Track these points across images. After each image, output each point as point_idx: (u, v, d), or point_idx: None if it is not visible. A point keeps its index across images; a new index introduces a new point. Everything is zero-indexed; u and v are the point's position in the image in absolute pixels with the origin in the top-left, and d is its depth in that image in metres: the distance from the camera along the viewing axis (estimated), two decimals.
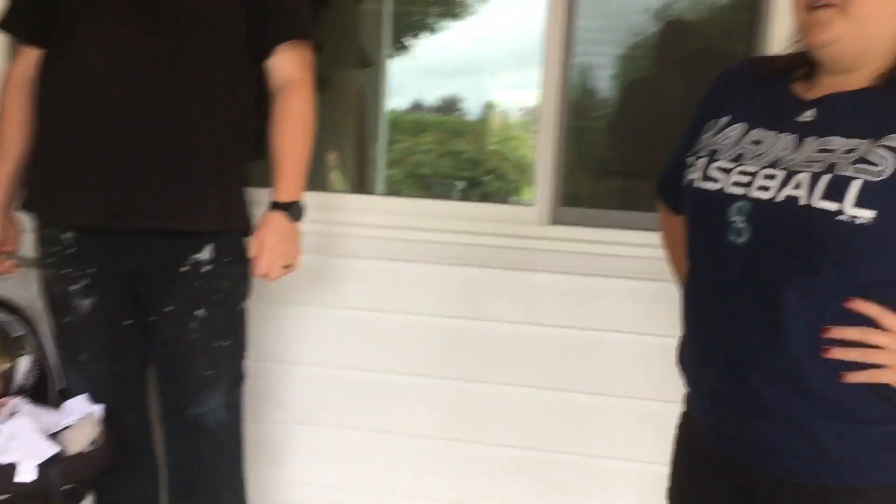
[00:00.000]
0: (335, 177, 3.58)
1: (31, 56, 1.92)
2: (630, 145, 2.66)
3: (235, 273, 1.97)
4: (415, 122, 7.79)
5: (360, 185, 3.96)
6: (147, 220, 1.84)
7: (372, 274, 2.30)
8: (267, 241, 1.87)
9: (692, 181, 1.22)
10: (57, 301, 1.96)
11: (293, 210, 1.90)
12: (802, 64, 1.21)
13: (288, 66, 1.94)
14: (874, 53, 1.11)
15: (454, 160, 7.02)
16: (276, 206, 1.90)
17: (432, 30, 6.99)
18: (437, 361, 2.30)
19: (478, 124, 7.52)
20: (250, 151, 2.01)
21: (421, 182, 6.35)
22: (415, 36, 6.84)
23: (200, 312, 1.92)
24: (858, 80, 1.13)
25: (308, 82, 1.96)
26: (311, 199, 1.97)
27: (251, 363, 2.10)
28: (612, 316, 2.19)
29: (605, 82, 3.09)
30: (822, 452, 1.12)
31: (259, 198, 2.02)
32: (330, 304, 2.33)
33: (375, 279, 2.31)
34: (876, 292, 1.07)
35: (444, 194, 5.12)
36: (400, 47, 6.69)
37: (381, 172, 4.68)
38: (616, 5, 2.85)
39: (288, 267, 1.92)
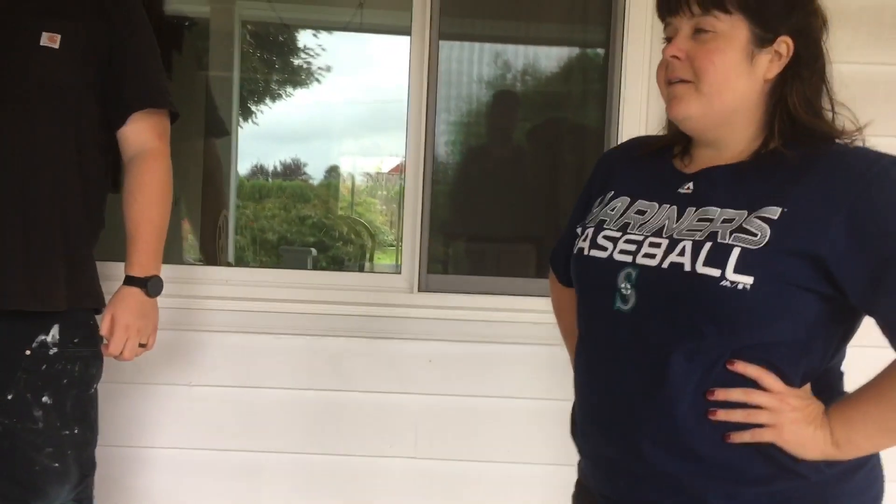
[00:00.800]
0: (189, 246, 3.44)
1: None
2: (474, 210, 2.74)
3: (86, 354, 1.83)
4: (257, 187, 7.69)
5: (213, 254, 3.84)
6: None
7: (233, 348, 2.22)
8: (120, 318, 1.76)
9: (582, 249, 1.26)
10: None
11: (150, 285, 1.80)
12: (680, 141, 1.28)
13: (142, 134, 1.86)
14: (731, 126, 1.19)
15: (300, 225, 6.97)
16: (130, 280, 1.80)
17: (277, 96, 7.00)
18: (304, 436, 2.23)
19: (321, 189, 7.53)
20: (101, 224, 1.91)
21: (272, 249, 6.23)
22: (259, 102, 6.81)
23: (46, 399, 1.76)
24: (731, 154, 1.20)
25: (163, 152, 1.89)
26: (165, 272, 1.87)
27: (101, 450, 1.94)
28: (484, 382, 2.20)
29: (440, 148, 3.18)
30: None
31: (112, 272, 1.90)
32: (188, 382, 2.22)
33: (237, 353, 2.23)
34: (756, 354, 1.11)
35: (299, 262, 5.03)
36: (246, 113, 6.64)
37: (231, 240, 4.55)
38: (452, 74, 2.95)
39: (144, 346, 1.81)
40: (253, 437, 2.23)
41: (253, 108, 6.81)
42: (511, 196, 2.60)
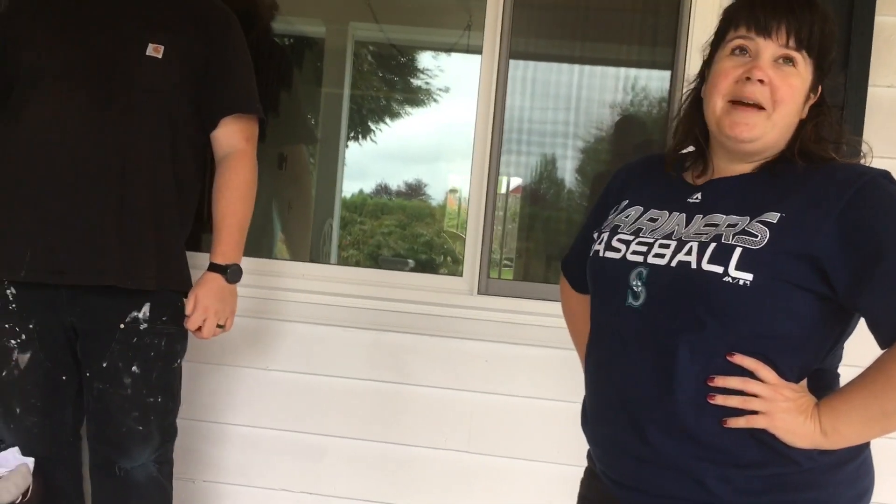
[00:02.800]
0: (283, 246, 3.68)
1: None
2: (547, 226, 2.81)
3: (172, 331, 2.03)
4: (380, 205, 7.96)
5: (311, 256, 4.08)
6: (85, 277, 1.91)
7: (306, 337, 2.39)
8: (202, 299, 1.95)
9: (598, 251, 1.35)
10: None
11: (230, 272, 1.99)
12: (692, 157, 1.37)
13: (231, 137, 2.06)
14: (774, 149, 1.27)
15: (413, 242, 7.18)
16: (213, 267, 1.99)
17: (397, 115, 7.23)
18: (365, 424, 2.38)
19: (438, 209, 7.70)
20: (192, 216, 2.11)
21: (374, 260, 6.47)
22: (379, 121, 7.06)
23: (135, 369, 1.97)
24: (742, 167, 1.29)
25: (250, 153, 2.07)
26: (250, 264, 2.06)
27: (185, 422, 2.15)
28: (533, 383, 2.29)
29: (570, 174, 3.28)
30: (709, 496, 1.21)
31: (201, 262, 2.12)
32: (265, 366, 2.41)
33: (309, 343, 2.40)
34: (754, 348, 1.19)
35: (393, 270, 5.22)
36: (365, 131, 6.91)
37: (334, 247, 4.79)
38: (583, 101, 3.05)
39: (221, 327, 1.99)
40: (319, 422, 2.39)
41: (373, 126, 7.06)
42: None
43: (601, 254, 1.34)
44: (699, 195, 1.30)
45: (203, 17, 2.03)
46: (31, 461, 1.95)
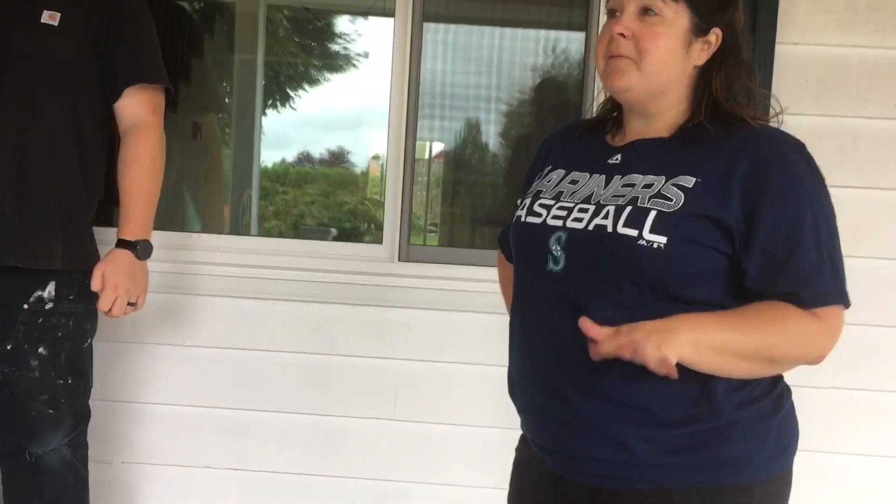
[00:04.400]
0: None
1: None
2: (471, 193, 2.81)
3: (79, 310, 1.96)
4: (303, 174, 7.84)
5: (230, 228, 3.99)
6: None
7: (224, 311, 2.34)
8: (110, 276, 1.88)
9: (519, 217, 1.35)
10: None
11: (140, 248, 1.92)
12: (612, 117, 1.38)
13: (136, 108, 1.97)
14: (662, 102, 1.28)
15: (337, 211, 7.10)
16: (121, 243, 1.92)
17: (316, 82, 7.10)
18: (290, 397, 2.34)
19: (362, 177, 7.63)
20: (98, 191, 2.03)
21: (298, 230, 6.38)
22: (297, 87, 6.92)
23: (42, 350, 1.90)
24: (656, 128, 1.30)
25: (156, 125, 1.99)
26: (163, 239, 1.99)
27: (100, 403, 2.09)
28: (460, 348, 2.29)
29: (493, 138, 3.27)
30: (632, 458, 1.22)
31: (110, 238, 2.04)
32: (183, 343, 2.35)
33: (228, 316, 2.35)
34: (668, 308, 1.18)
35: (317, 240, 5.16)
36: (284, 98, 6.76)
37: (254, 218, 4.70)
38: (504, 64, 3.02)
39: (132, 305, 1.93)
40: (241, 397, 2.35)
41: (292, 93, 6.92)
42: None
43: (523, 219, 1.34)
44: (619, 156, 1.31)
45: None
46: None
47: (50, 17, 1.87)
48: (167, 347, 2.35)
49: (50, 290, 1.91)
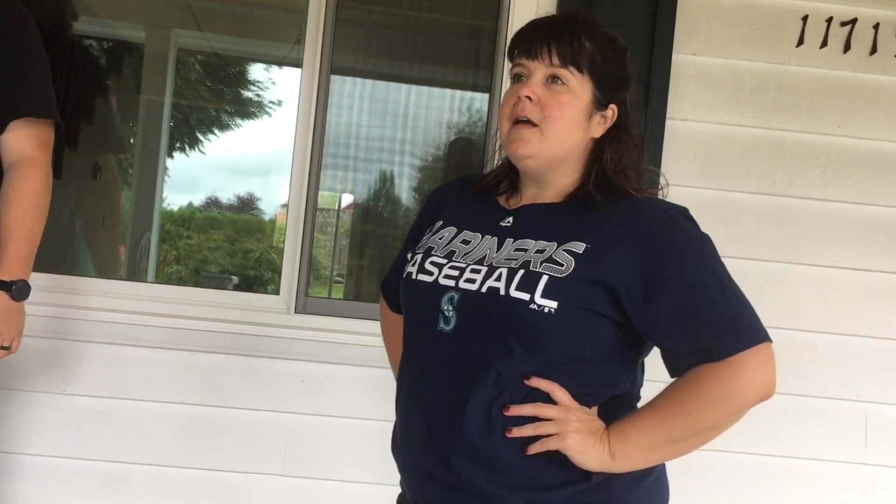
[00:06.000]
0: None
1: None
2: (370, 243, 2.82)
3: None
4: (209, 219, 7.69)
5: (127, 271, 3.87)
6: None
7: (109, 359, 2.26)
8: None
9: (410, 273, 1.35)
10: None
11: (15, 289, 1.83)
12: (506, 178, 1.40)
13: (21, 143, 1.89)
14: (559, 171, 1.32)
15: (242, 258, 6.98)
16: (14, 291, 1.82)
17: (227, 127, 7.02)
18: (174, 449, 2.27)
19: (269, 224, 7.54)
20: None
21: (198, 277, 6.23)
22: (207, 131, 6.83)
23: None
24: (549, 195, 1.33)
25: (42, 161, 1.91)
26: (50, 281, 1.91)
27: None
28: (351, 403, 2.27)
29: (406, 191, 3.28)
30: None
31: None
32: (62, 391, 2.25)
33: (113, 365, 2.26)
34: (554, 371, 1.22)
35: (218, 288, 5.07)
36: (193, 141, 6.66)
37: (152, 262, 4.58)
38: (419, 120, 3.06)
39: (6, 349, 1.84)
40: (123, 448, 2.26)
41: (202, 137, 6.82)
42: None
43: (414, 276, 1.34)
44: (511, 219, 1.33)
45: None
46: None
47: None
48: (45, 395, 2.24)
49: None
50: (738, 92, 2.37)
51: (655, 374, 1.26)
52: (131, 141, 4.41)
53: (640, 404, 1.31)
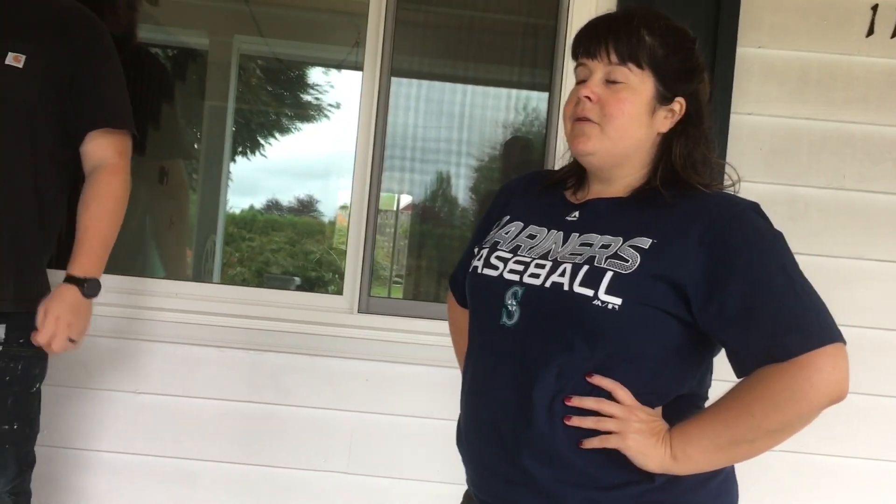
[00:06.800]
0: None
1: None
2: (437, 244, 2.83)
3: (29, 354, 1.92)
4: (270, 221, 7.83)
5: (193, 273, 3.96)
6: None
7: (178, 358, 2.32)
8: (53, 310, 1.84)
9: (476, 268, 1.36)
10: None
11: (87, 286, 1.89)
12: (574, 174, 1.40)
13: (102, 151, 1.96)
14: (625, 167, 1.31)
15: (303, 260, 7.09)
16: (70, 279, 1.88)
17: (288, 131, 7.14)
18: (241, 447, 2.31)
19: (328, 226, 7.65)
20: (55, 235, 2.01)
21: (261, 278, 6.35)
22: (268, 135, 6.95)
23: None
24: (615, 190, 1.32)
25: (122, 167, 1.97)
26: (121, 283, 1.96)
27: (46, 449, 2.04)
28: (414, 402, 2.28)
29: (463, 192, 3.30)
30: None
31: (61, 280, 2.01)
32: (134, 389, 2.31)
33: (182, 364, 2.32)
34: (617, 369, 1.21)
35: (279, 289, 5.15)
36: (255, 145, 6.79)
37: (217, 264, 4.68)
38: (475, 120, 3.08)
39: (73, 342, 1.89)
40: (192, 446, 2.31)
41: (262, 141, 6.95)
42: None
43: (479, 270, 1.34)
44: (577, 214, 1.32)
45: (69, 27, 1.94)
46: None
47: (14, 59, 1.86)
48: (118, 394, 2.31)
49: (0, 333, 1.87)
50: (804, 84, 2.32)
51: (725, 373, 1.23)
52: (195, 146, 4.52)
53: (707, 405, 1.29)
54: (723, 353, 1.24)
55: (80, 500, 2.31)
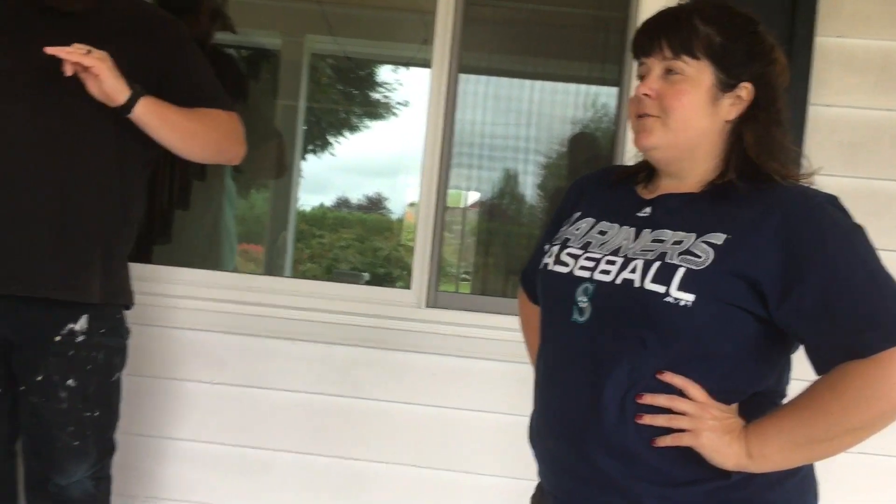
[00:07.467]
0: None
1: None
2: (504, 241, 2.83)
3: (111, 344, 1.99)
4: (339, 219, 7.95)
5: (266, 268, 4.03)
6: (24, 288, 1.87)
7: (252, 350, 2.37)
8: (107, 58, 1.83)
9: (546, 265, 1.36)
10: None
11: (131, 102, 1.87)
12: (645, 169, 1.39)
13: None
14: (693, 160, 1.29)
15: (371, 256, 7.17)
16: (136, 92, 1.87)
17: (356, 129, 7.23)
18: (311, 438, 2.36)
19: (396, 223, 7.72)
20: (136, 228, 2.08)
21: (330, 274, 6.43)
22: (338, 134, 7.04)
23: (71, 382, 1.93)
24: (688, 184, 1.30)
25: (234, 120, 2.02)
26: (196, 277, 2.01)
27: (125, 437, 2.11)
28: (483, 396, 2.29)
29: (531, 189, 3.30)
30: None
31: (141, 273, 2.09)
32: (211, 380, 2.38)
33: (255, 356, 2.37)
34: (690, 366, 1.19)
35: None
36: (325, 144, 6.89)
37: (289, 259, 4.77)
38: (543, 117, 3.07)
39: (87, 70, 1.83)
40: (264, 436, 2.36)
41: (332, 139, 7.05)
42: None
43: (549, 267, 1.34)
44: (649, 209, 1.31)
45: (154, 28, 2.00)
46: None
47: None
48: (195, 384, 2.38)
49: (82, 323, 1.93)
50: (887, 75, 2.23)
51: (805, 373, 1.20)
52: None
53: (785, 402, 1.26)
54: (801, 350, 1.21)
55: (158, 487, 2.39)
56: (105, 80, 1.83)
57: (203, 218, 3.23)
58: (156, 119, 1.91)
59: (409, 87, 6.15)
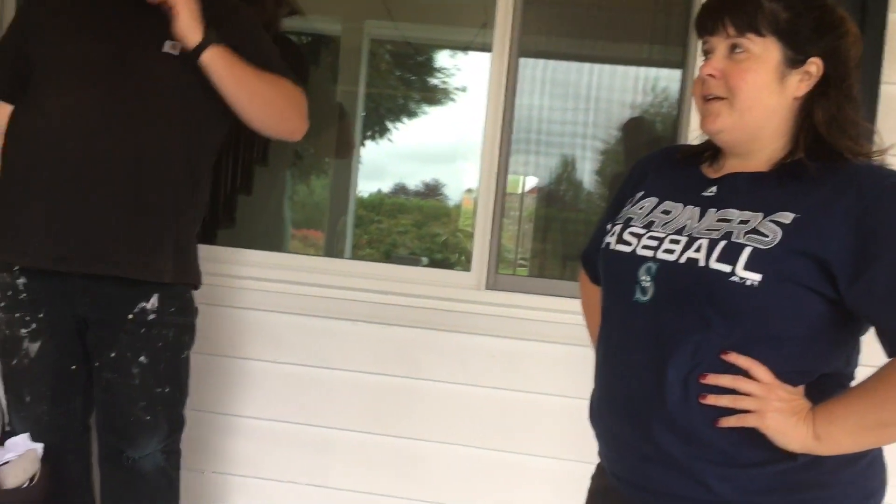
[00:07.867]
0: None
1: (3, 111, 2.06)
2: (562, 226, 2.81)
3: (180, 323, 2.05)
4: (397, 205, 8.00)
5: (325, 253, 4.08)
6: (99, 266, 1.93)
7: (314, 331, 2.41)
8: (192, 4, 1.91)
9: (609, 244, 1.36)
10: (7, 343, 2.03)
11: (203, 45, 1.92)
12: (710, 149, 1.37)
13: None
14: (761, 140, 1.27)
15: (429, 242, 7.20)
16: (208, 37, 1.93)
17: (414, 115, 7.24)
18: (372, 417, 2.39)
19: (454, 209, 7.73)
20: (204, 209, 2.14)
21: (389, 259, 6.48)
22: (396, 120, 7.07)
23: (143, 359, 2.00)
24: (755, 163, 1.28)
25: (298, 92, 2.06)
26: (259, 258, 2.04)
27: (194, 413, 2.18)
28: (542, 378, 2.29)
29: (588, 175, 3.28)
30: (712, 496, 1.21)
31: (208, 254, 2.14)
32: (275, 359, 2.43)
33: (318, 336, 2.41)
34: (757, 347, 1.18)
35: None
36: (383, 130, 6.93)
37: (349, 244, 4.83)
38: (602, 101, 3.04)
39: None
40: (327, 415, 2.41)
41: (390, 125, 7.08)
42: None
43: (612, 246, 1.34)
44: (714, 189, 1.29)
45: (225, 15, 2.04)
46: (39, 447, 1.98)
47: (171, 48, 1.98)
48: (260, 363, 2.43)
49: (154, 301, 1.99)
50: None
51: (874, 358, 1.18)
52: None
53: (853, 384, 1.24)
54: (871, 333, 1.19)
55: (224, 462, 2.45)
56: (182, 16, 1.89)
57: (265, 203, 3.29)
58: (225, 69, 1.95)
59: (467, 72, 6.14)
